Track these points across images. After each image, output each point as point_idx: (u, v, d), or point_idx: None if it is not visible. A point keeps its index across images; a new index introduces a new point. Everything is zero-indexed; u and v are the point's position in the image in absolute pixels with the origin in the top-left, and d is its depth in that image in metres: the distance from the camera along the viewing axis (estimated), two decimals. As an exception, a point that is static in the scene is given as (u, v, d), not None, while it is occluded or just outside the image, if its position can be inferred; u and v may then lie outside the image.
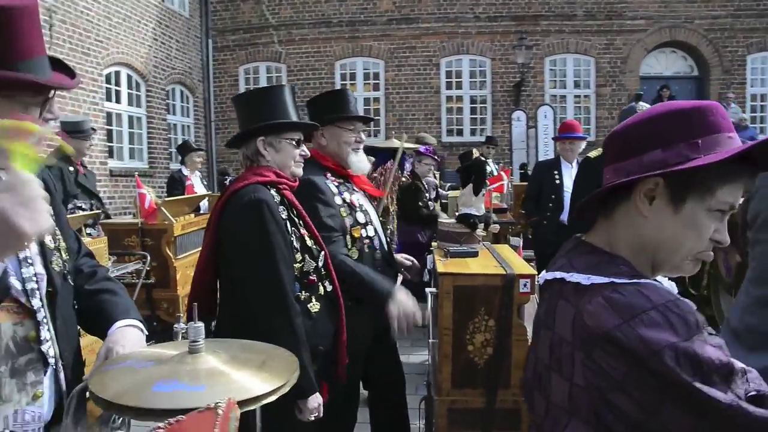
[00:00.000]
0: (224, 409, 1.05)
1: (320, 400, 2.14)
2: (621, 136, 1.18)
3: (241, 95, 2.40)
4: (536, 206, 5.53)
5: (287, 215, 2.19)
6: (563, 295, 1.17)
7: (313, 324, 2.21)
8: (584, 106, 13.69)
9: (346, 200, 2.73)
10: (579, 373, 1.08)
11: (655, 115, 1.14)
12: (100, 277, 1.69)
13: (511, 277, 2.45)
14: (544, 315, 1.25)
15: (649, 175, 1.09)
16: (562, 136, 5.48)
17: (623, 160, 1.15)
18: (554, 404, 1.17)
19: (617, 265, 1.13)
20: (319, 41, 13.50)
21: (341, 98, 2.84)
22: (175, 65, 12.03)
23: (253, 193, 2.12)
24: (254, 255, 2.10)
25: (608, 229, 1.20)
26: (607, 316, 1.04)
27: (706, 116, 1.10)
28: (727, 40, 13.16)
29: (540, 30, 13.30)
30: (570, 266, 1.18)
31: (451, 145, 13.08)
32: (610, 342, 1.03)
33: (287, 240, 2.14)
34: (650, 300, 1.03)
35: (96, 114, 9.04)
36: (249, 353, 1.40)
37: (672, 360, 0.98)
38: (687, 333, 1.00)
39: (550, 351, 1.18)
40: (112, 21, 9.62)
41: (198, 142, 12.98)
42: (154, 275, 4.65)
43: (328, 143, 2.79)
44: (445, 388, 2.52)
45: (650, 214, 1.13)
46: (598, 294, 1.08)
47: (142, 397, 1.16)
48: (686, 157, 1.08)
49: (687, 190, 1.10)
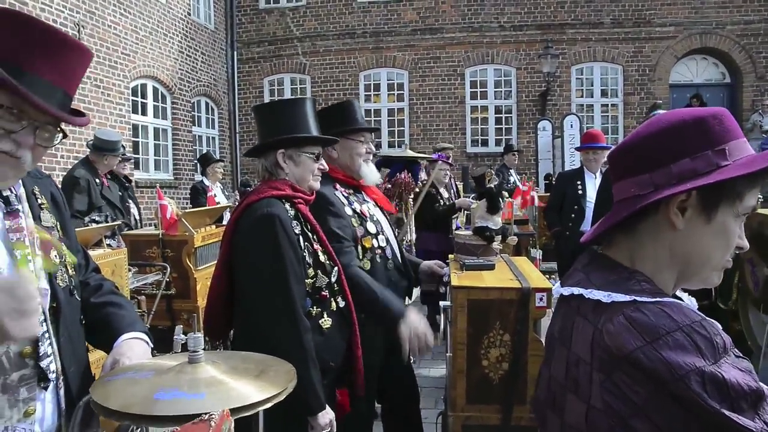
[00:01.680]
0: (217, 421, 1.05)
1: (331, 416, 2.11)
2: (638, 148, 1.12)
3: (263, 106, 2.40)
4: (559, 217, 5.44)
5: (301, 230, 2.17)
6: (581, 313, 1.11)
7: (324, 340, 2.19)
8: (612, 115, 13.51)
9: (357, 210, 2.71)
10: (597, 396, 1.03)
11: (672, 123, 1.09)
12: (106, 290, 1.68)
13: (526, 291, 2.38)
14: (560, 332, 1.19)
15: (689, 188, 1.04)
16: (585, 146, 5.39)
17: (647, 172, 1.09)
18: (569, 425, 1.11)
19: (638, 282, 1.08)
20: (343, 52, 13.57)
21: (349, 110, 2.83)
22: (200, 77, 12.19)
23: (266, 207, 2.11)
24: (264, 270, 2.08)
25: (630, 243, 1.15)
26: (629, 337, 0.98)
27: (724, 123, 1.08)
28: (761, 46, 12.86)
29: (566, 38, 13.18)
30: (588, 282, 1.13)
31: (475, 156, 13.01)
32: (631, 364, 0.97)
33: (299, 255, 2.11)
34: (675, 320, 0.98)
35: (122, 126, 9.19)
36: (247, 363, 1.41)
37: (698, 385, 0.92)
38: (714, 356, 0.94)
39: (566, 370, 1.13)
40: (139, 35, 9.80)
41: (223, 154, 13.13)
42: (175, 286, 4.66)
43: (340, 155, 2.78)
44: (459, 403, 2.45)
45: (683, 226, 1.08)
46: (619, 313, 1.02)
47: (145, 405, 1.17)
48: (716, 165, 1.05)
49: (720, 199, 1.06)
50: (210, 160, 7.59)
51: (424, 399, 3.58)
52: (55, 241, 1.47)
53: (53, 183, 1.65)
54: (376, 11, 13.44)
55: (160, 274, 4.48)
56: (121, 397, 1.21)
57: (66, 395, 1.45)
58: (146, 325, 4.02)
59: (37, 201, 1.48)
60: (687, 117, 1.09)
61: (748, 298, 3.27)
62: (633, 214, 1.10)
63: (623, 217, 1.11)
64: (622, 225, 1.14)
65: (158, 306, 4.36)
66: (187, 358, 1.33)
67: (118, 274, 3.55)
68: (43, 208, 1.50)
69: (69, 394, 1.45)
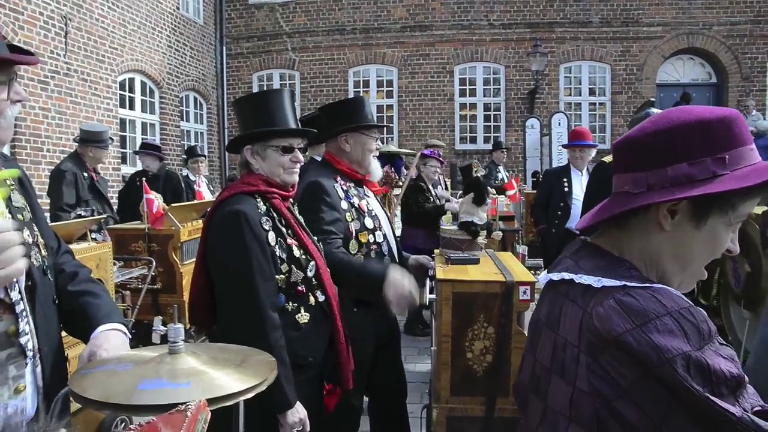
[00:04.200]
0: (193, 411, 1.05)
1: (302, 414, 2.09)
2: (640, 144, 1.11)
3: (237, 100, 2.39)
4: (545, 214, 5.47)
5: (272, 225, 2.16)
6: (570, 297, 1.12)
7: (300, 335, 2.18)
8: (599, 113, 13.59)
9: (354, 204, 2.72)
10: (583, 378, 1.04)
11: (676, 124, 1.07)
12: (83, 278, 1.68)
13: (510, 284, 2.40)
14: (547, 316, 1.20)
15: (679, 198, 1.04)
16: (572, 143, 5.43)
17: (644, 170, 1.09)
18: (552, 409, 1.13)
19: (628, 269, 1.09)
20: (332, 48, 13.55)
21: (364, 105, 2.87)
22: (189, 72, 12.13)
23: (234, 204, 2.11)
24: (230, 266, 2.09)
25: (619, 237, 1.15)
26: (619, 320, 0.99)
27: (731, 128, 1.05)
28: (747, 47, 12.98)
29: (555, 37, 13.23)
30: (577, 267, 1.13)
31: (464, 153, 13.04)
32: (620, 347, 0.98)
33: (266, 252, 2.10)
34: (664, 305, 0.99)
35: (110, 120, 9.13)
36: (227, 354, 1.41)
37: (684, 369, 0.94)
38: (699, 342, 0.97)
39: (553, 354, 1.13)
40: (127, 28, 9.73)
41: (211, 149, 13.07)
42: (160, 280, 4.63)
43: (353, 149, 2.82)
44: (444, 395, 2.47)
45: (670, 228, 1.08)
46: (609, 296, 1.03)
47: (129, 395, 1.17)
48: (713, 173, 1.03)
49: (711, 208, 1.06)
50: (190, 154, 7.57)
51: (410, 393, 3.59)
52: None
53: (20, 167, 1.65)
54: (365, 8, 13.42)
55: (145, 268, 4.45)
56: (102, 388, 1.20)
57: (42, 374, 1.46)
58: (131, 320, 4.04)
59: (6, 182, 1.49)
60: (692, 119, 1.06)
61: (729, 293, 3.31)
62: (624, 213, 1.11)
63: (614, 214, 1.12)
64: (614, 220, 1.15)
65: (143, 300, 4.32)
66: (167, 349, 1.33)
67: (102, 268, 3.53)
68: (13, 190, 1.50)
69: (44, 374, 1.46)
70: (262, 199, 2.18)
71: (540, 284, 1.28)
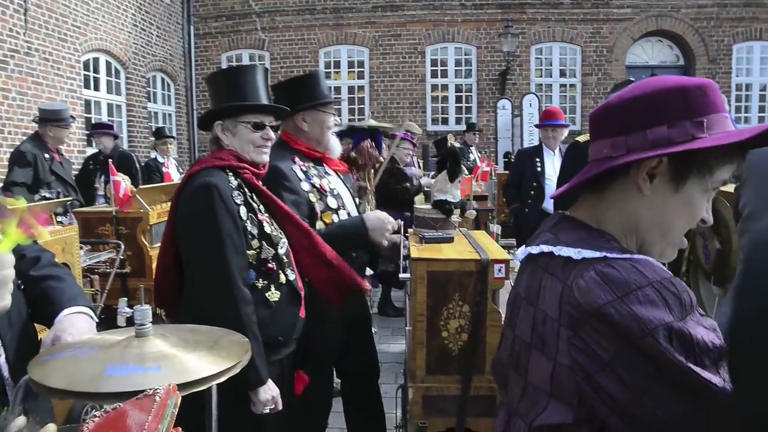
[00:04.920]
0: (162, 395, 1.01)
1: (275, 392, 2.07)
2: (619, 109, 1.11)
3: (209, 76, 2.33)
4: (518, 193, 5.50)
5: (244, 200, 2.12)
6: (550, 270, 1.11)
7: (271, 314, 2.15)
8: (570, 95, 13.68)
9: (315, 185, 2.66)
10: (564, 352, 1.03)
11: (656, 89, 1.08)
12: (45, 262, 1.62)
13: (485, 262, 2.39)
14: (526, 291, 1.18)
15: (660, 154, 1.04)
16: (544, 123, 5.45)
17: (623, 134, 1.08)
18: (532, 385, 1.12)
19: (608, 240, 1.08)
20: (302, 28, 13.35)
21: (319, 81, 2.79)
22: (155, 52, 11.84)
23: (205, 177, 2.07)
24: (201, 239, 2.04)
25: (598, 205, 1.15)
26: (600, 291, 0.98)
27: (707, 95, 1.06)
28: (713, 30, 13.16)
29: (526, 18, 13.23)
30: (557, 240, 1.12)
31: (436, 134, 13.00)
32: (601, 319, 0.97)
33: (238, 226, 2.07)
34: (646, 276, 0.98)
35: (74, 102, 8.87)
36: (198, 335, 1.37)
37: (666, 340, 0.94)
38: (681, 312, 0.96)
39: (533, 328, 1.12)
40: (90, 6, 9.43)
41: (180, 131, 12.83)
42: (129, 264, 4.54)
43: (310, 127, 2.74)
44: (419, 375, 2.46)
45: (650, 192, 1.08)
46: (590, 268, 1.02)
47: (96, 382, 1.12)
48: (692, 136, 1.04)
49: (690, 170, 1.06)
50: (158, 135, 7.42)
51: (384, 374, 3.59)
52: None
53: None
54: (336, -13, 13.25)
55: (113, 252, 4.37)
56: (65, 376, 1.15)
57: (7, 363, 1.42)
58: (100, 304, 3.96)
59: None
60: (671, 84, 1.08)
61: (699, 270, 3.35)
62: (602, 174, 1.10)
63: (593, 175, 1.11)
64: (593, 186, 1.15)
65: (112, 285, 4.25)
66: (133, 332, 1.27)
67: (68, 252, 3.44)
68: None
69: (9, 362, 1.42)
70: (233, 174, 2.14)
71: (519, 259, 1.27)
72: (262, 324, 2.08)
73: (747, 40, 13.27)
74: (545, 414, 1.07)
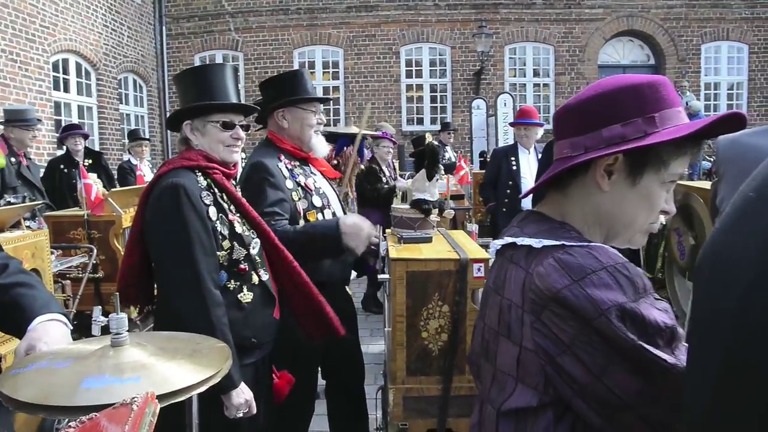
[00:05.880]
0: (140, 404, 0.98)
1: (248, 396, 2.04)
2: (576, 110, 1.16)
3: (177, 75, 2.29)
4: (494, 192, 5.52)
5: (213, 200, 2.09)
6: (514, 260, 1.16)
7: (244, 315, 2.12)
8: (543, 94, 13.82)
9: (300, 183, 2.64)
10: (528, 337, 1.08)
11: (610, 89, 1.13)
12: (13, 269, 1.56)
13: (464, 262, 2.39)
14: (494, 282, 1.24)
15: (614, 152, 1.09)
16: (518, 121, 5.48)
17: (581, 134, 1.14)
18: (501, 371, 1.16)
19: (567, 230, 1.14)
20: (276, 29, 13.27)
21: (300, 79, 2.75)
22: (127, 53, 11.66)
23: (172, 177, 2.03)
24: (169, 241, 2.01)
25: (562, 201, 1.20)
26: (557, 276, 1.04)
27: (659, 91, 1.11)
28: (683, 30, 13.41)
29: (500, 18, 13.33)
30: (521, 233, 1.18)
31: (411, 134, 13.00)
32: (559, 303, 1.03)
33: (207, 226, 2.03)
34: (600, 261, 1.04)
35: (43, 103, 8.70)
36: (176, 343, 1.33)
37: (619, 320, 0.98)
38: (634, 295, 1.01)
39: (499, 316, 1.17)
40: (58, 6, 9.25)
41: (152, 133, 12.65)
42: (102, 269, 4.46)
43: (290, 125, 2.71)
44: (399, 376, 2.45)
45: (608, 188, 1.13)
46: (549, 256, 1.08)
47: (72, 395, 1.08)
48: (644, 132, 1.09)
49: (645, 165, 1.11)
50: (132, 137, 7.30)
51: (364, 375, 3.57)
52: None
53: None
54: (310, -13, 13.19)
55: (85, 256, 4.28)
56: (39, 389, 1.10)
57: None
58: (72, 310, 3.87)
59: None
60: (623, 83, 1.12)
61: (675, 266, 3.40)
62: (563, 173, 1.16)
63: (552, 175, 1.17)
64: (557, 184, 1.20)
65: (85, 290, 4.16)
66: (109, 342, 1.23)
67: (39, 257, 3.37)
68: None
69: None
70: (202, 174, 2.11)
71: (491, 253, 1.32)
72: (234, 326, 2.05)
73: (715, 40, 13.55)
74: (512, 398, 1.12)
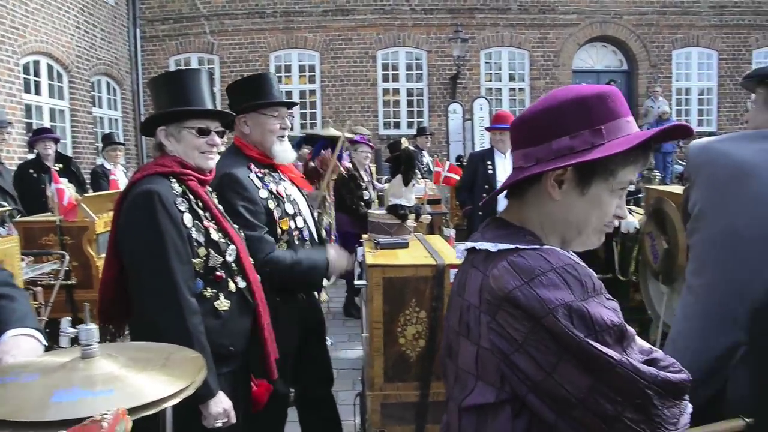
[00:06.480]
0: (110, 421, 0.95)
1: (226, 404, 2.02)
2: (529, 122, 1.20)
3: (151, 80, 2.26)
4: (470, 196, 5.54)
5: (188, 207, 2.06)
6: (474, 264, 1.21)
7: (221, 323, 2.09)
8: (519, 98, 13.94)
9: (272, 191, 2.61)
10: (485, 336, 1.12)
11: (559, 102, 1.17)
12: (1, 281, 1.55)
13: (441, 267, 2.39)
14: (457, 285, 1.28)
15: (561, 166, 1.13)
16: (494, 126, 5.51)
17: (532, 146, 1.18)
18: (462, 369, 1.20)
19: (524, 234, 1.19)
20: (252, 32, 13.20)
21: (263, 83, 2.67)
22: (100, 55, 11.49)
23: (146, 184, 2.00)
24: (144, 248, 1.97)
25: (520, 208, 1.24)
26: (509, 278, 1.08)
27: (606, 103, 1.14)
28: (654, 36, 13.65)
29: (475, 23, 13.42)
30: (482, 238, 1.23)
31: (388, 138, 13.03)
32: (511, 303, 1.07)
33: (182, 233, 2.00)
34: (549, 262, 1.08)
35: (13, 106, 8.53)
36: (148, 353, 1.30)
37: (565, 318, 1.02)
38: (583, 294, 1.05)
39: (460, 317, 1.21)
40: (29, 7, 9.08)
41: (127, 137, 12.49)
42: (75, 275, 4.38)
43: (252, 131, 2.64)
44: (377, 383, 2.44)
45: (559, 197, 1.17)
46: (503, 259, 1.12)
47: (42, 410, 1.04)
48: (591, 144, 1.12)
49: (593, 175, 1.15)
50: (106, 142, 7.20)
51: (341, 381, 3.57)
52: None
53: None
54: (286, -10, 13.14)
55: (57, 263, 4.20)
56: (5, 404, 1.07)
57: None
58: (44, 318, 3.80)
59: None
60: (571, 96, 1.16)
61: (648, 269, 3.45)
62: (516, 183, 1.21)
63: (506, 186, 1.23)
64: (515, 191, 1.25)
65: (57, 297, 4.07)
66: (79, 353, 1.21)
67: (9, 264, 3.29)
68: None
69: None
70: (177, 180, 2.08)
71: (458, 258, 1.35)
72: (211, 334, 2.02)
73: (686, 46, 13.82)
74: (472, 395, 1.16)
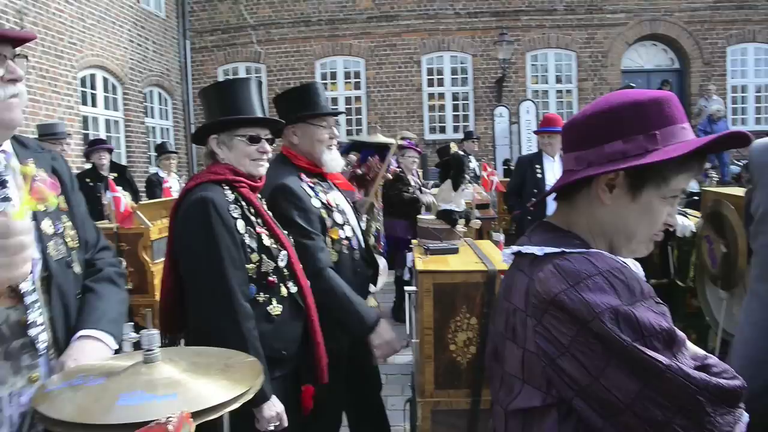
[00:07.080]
0: (176, 424, 0.98)
1: (279, 408, 2.04)
2: (581, 125, 1.20)
3: (202, 90, 2.32)
4: (519, 200, 5.47)
5: (241, 213, 2.10)
6: (520, 268, 1.21)
7: (274, 328, 2.11)
8: (566, 100, 13.70)
9: (323, 201, 2.63)
10: (531, 340, 1.12)
11: (614, 105, 1.16)
12: (103, 276, 1.62)
13: (492, 273, 2.37)
14: (504, 289, 1.29)
15: (613, 169, 1.12)
16: (542, 129, 5.44)
17: (584, 149, 1.17)
18: (508, 373, 1.20)
19: (570, 239, 1.18)
20: (298, 40, 13.39)
21: (311, 93, 2.70)
22: (152, 67, 11.86)
23: (200, 191, 2.05)
24: (199, 255, 2.01)
25: (569, 213, 1.24)
26: (555, 281, 1.08)
27: (663, 108, 1.13)
28: (707, 32, 13.21)
29: (521, 25, 13.28)
30: (528, 242, 1.23)
31: (434, 143, 13.02)
32: (557, 306, 1.07)
33: (236, 240, 2.04)
34: (596, 266, 1.08)
35: (71, 118, 8.87)
36: (207, 358, 1.33)
37: (612, 322, 1.01)
38: (630, 298, 1.04)
39: (506, 321, 1.21)
40: (86, 23, 9.45)
41: (178, 145, 12.82)
42: (131, 281, 4.52)
43: (301, 141, 2.67)
44: (428, 389, 2.44)
45: (610, 202, 1.17)
46: (549, 262, 1.12)
47: (109, 413, 1.07)
48: (645, 149, 1.11)
49: (645, 181, 1.14)
50: (161, 151, 7.41)
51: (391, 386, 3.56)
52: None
53: (57, 157, 1.62)
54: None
55: (115, 268, 4.34)
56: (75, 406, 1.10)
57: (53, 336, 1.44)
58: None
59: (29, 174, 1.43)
60: (627, 100, 1.15)
61: (706, 274, 3.33)
62: (567, 186, 1.20)
63: (557, 188, 1.23)
64: (564, 194, 1.25)
65: (114, 302, 4.22)
66: (141, 358, 1.23)
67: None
68: (36, 181, 1.45)
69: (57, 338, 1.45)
70: (229, 187, 2.12)
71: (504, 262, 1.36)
72: (264, 338, 2.05)
73: (741, 42, 13.33)
74: (518, 399, 1.16)
